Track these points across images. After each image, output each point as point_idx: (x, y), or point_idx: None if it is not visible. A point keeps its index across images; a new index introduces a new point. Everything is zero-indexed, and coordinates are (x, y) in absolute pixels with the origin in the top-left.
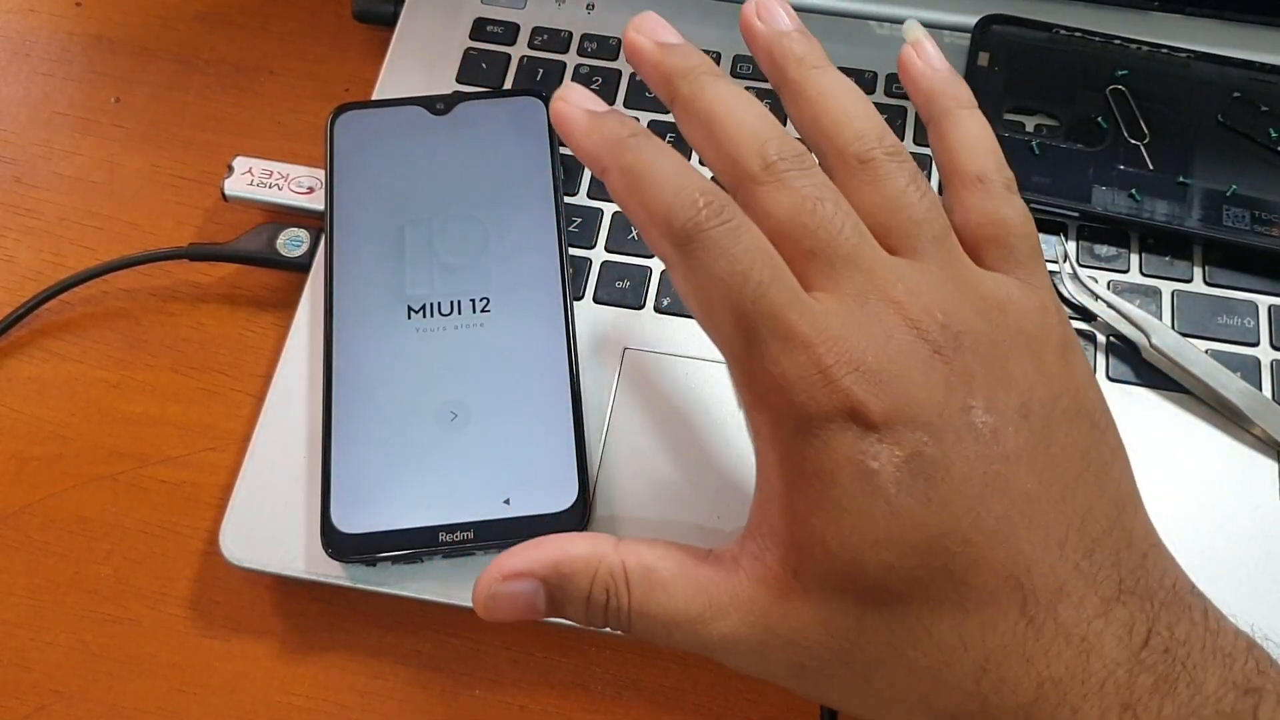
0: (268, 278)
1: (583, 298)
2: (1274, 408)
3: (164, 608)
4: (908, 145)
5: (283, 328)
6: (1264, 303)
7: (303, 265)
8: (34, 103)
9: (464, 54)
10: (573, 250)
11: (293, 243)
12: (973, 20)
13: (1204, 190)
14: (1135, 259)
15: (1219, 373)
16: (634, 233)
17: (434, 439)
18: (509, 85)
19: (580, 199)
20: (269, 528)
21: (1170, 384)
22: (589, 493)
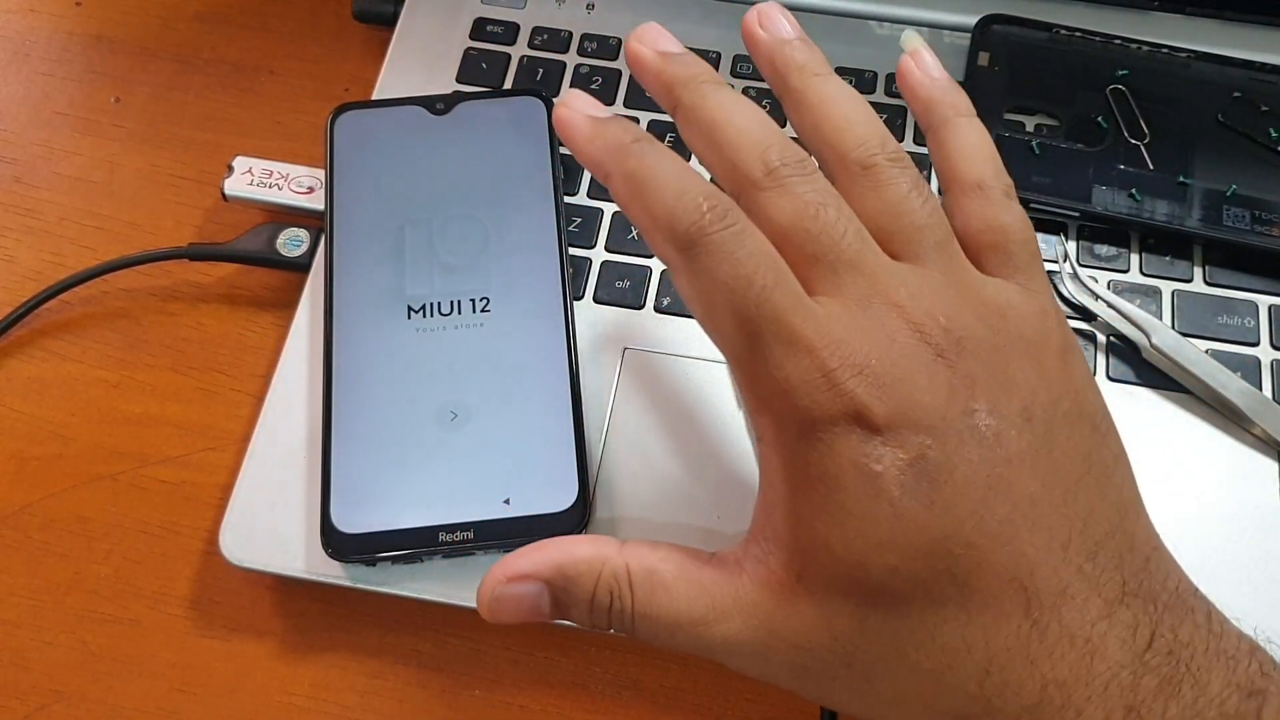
0: (268, 278)
1: (583, 298)
2: (1274, 408)
3: (164, 608)
4: (908, 146)
5: (283, 328)
6: (1264, 303)
7: (303, 265)
8: (34, 103)
9: (464, 54)
10: (573, 250)
11: (293, 243)
12: (973, 20)
13: (1204, 190)
14: (1135, 259)
15: (1219, 373)
16: (634, 233)
17: (434, 439)
18: (509, 85)
19: (580, 199)
20: (269, 528)
21: (1170, 384)
22: (589, 493)
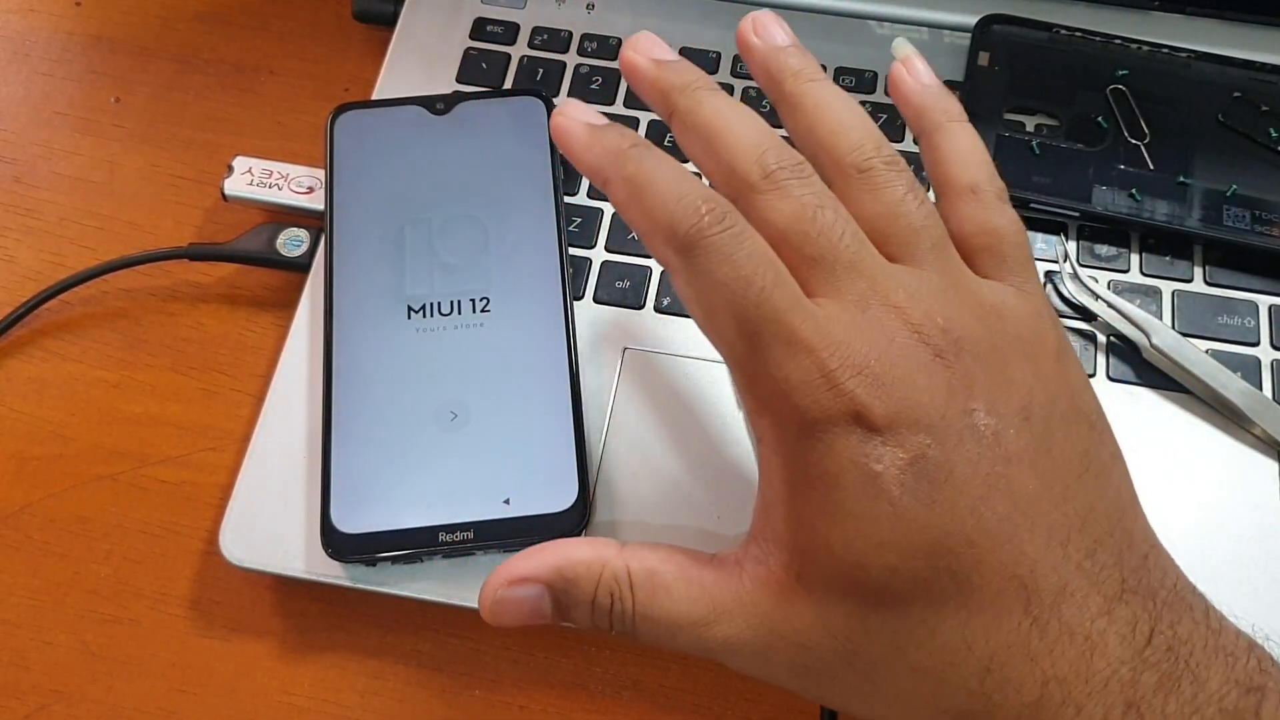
0: (268, 278)
1: (583, 298)
2: (1274, 408)
3: (164, 608)
4: (908, 144)
5: (283, 328)
6: (1264, 302)
7: (303, 265)
8: (34, 103)
9: (464, 54)
10: (573, 250)
11: (293, 243)
12: (973, 20)
13: (1204, 190)
14: (1135, 259)
15: (1219, 373)
16: (634, 233)
17: (434, 439)
18: (509, 85)
19: (580, 199)
20: (269, 528)
21: (1170, 384)
22: (589, 493)
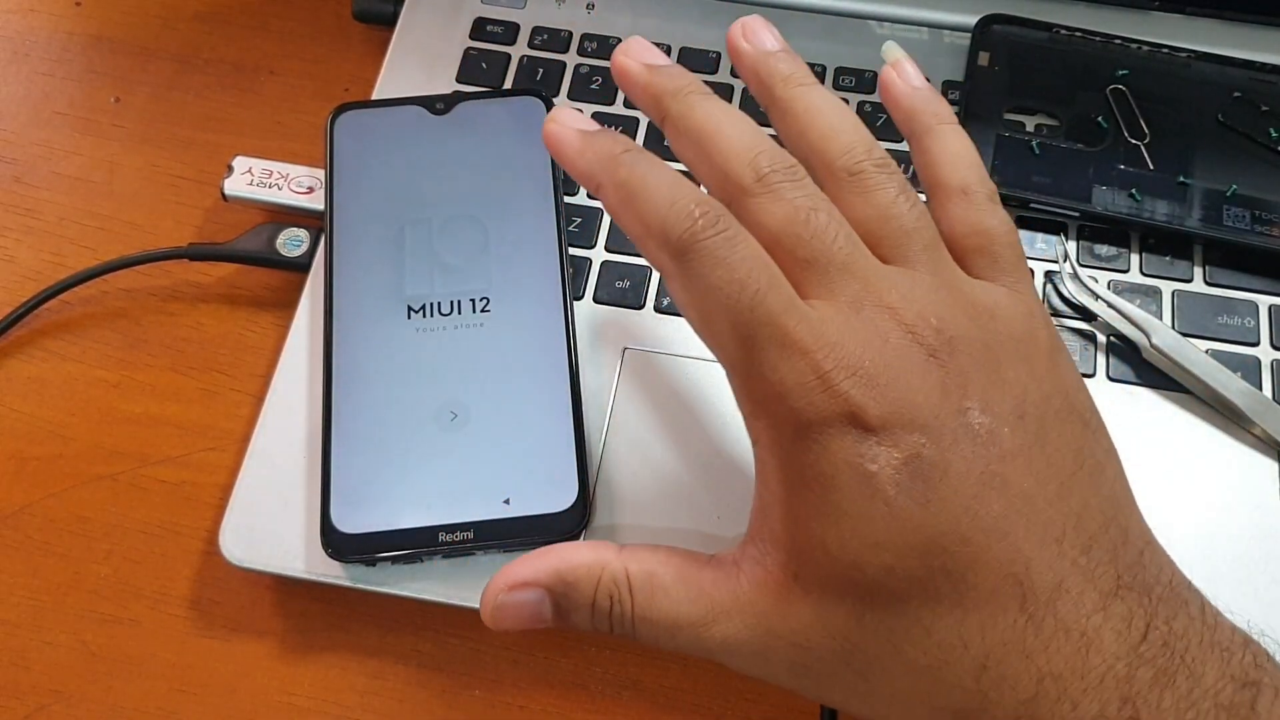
0: (268, 278)
1: (583, 298)
2: (1274, 408)
3: (164, 608)
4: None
5: (283, 328)
6: (1264, 303)
7: (303, 265)
8: (34, 103)
9: (464, 54)
10: (573, 250)
11: (293, 243)
12: (973, 20)
13: (1204, 190)
14: (1135, 259)
15: (1219, 372)
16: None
17: (434, 439)
18: (509, 85)
19: (580, 199)
20: (269, 528)
21: (1170, 384)
22: (589, 493)
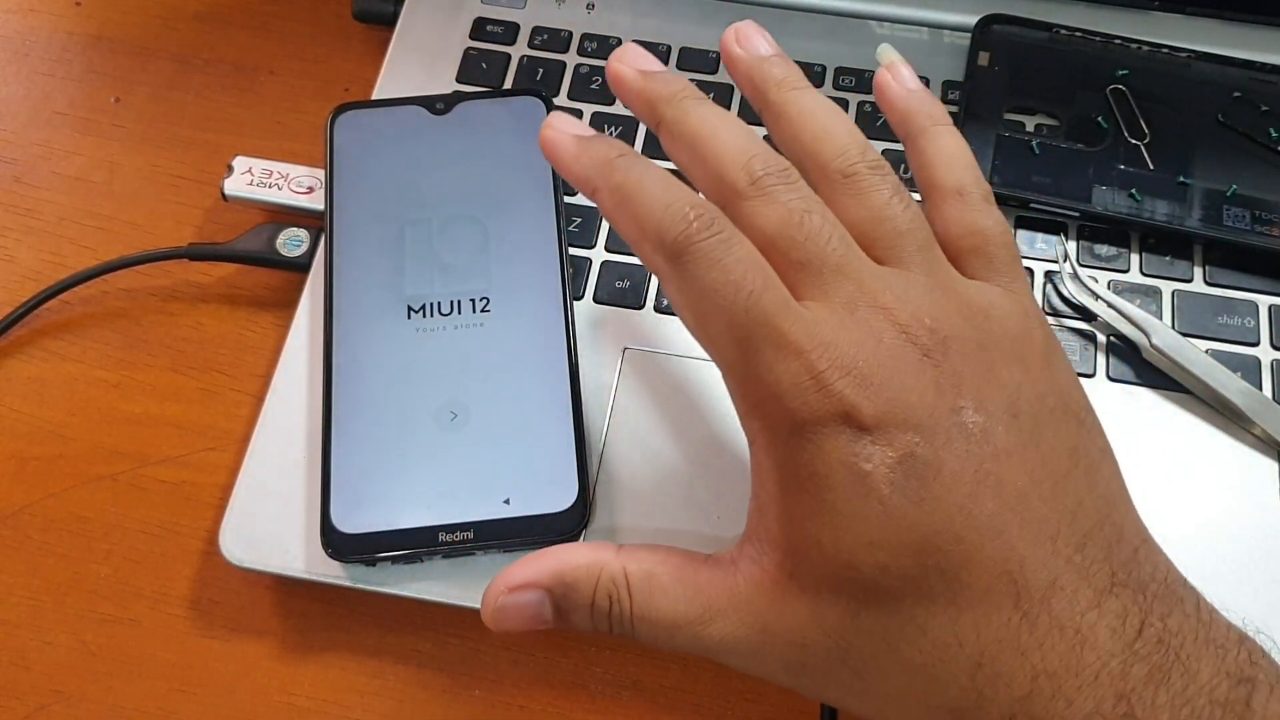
0: (268, 277)
1: (583, 298)
2: (1274, 408)
3: (164, 608)
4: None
5: (283, 328)
6: (1264, 303)
7: (303, 265)
8: (34, 103)
9: (464, 54)
10: (573, 250)
11: (293, 242)
12: (973, 20)
13: (1204, 190)
14: (1135, 259)
15: (1219, 372)
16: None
17: (434, 439)
18: (509, 85)
19: (580, 199)
20: (269, 528)
21: (1170, 384)
22: (589, 493)
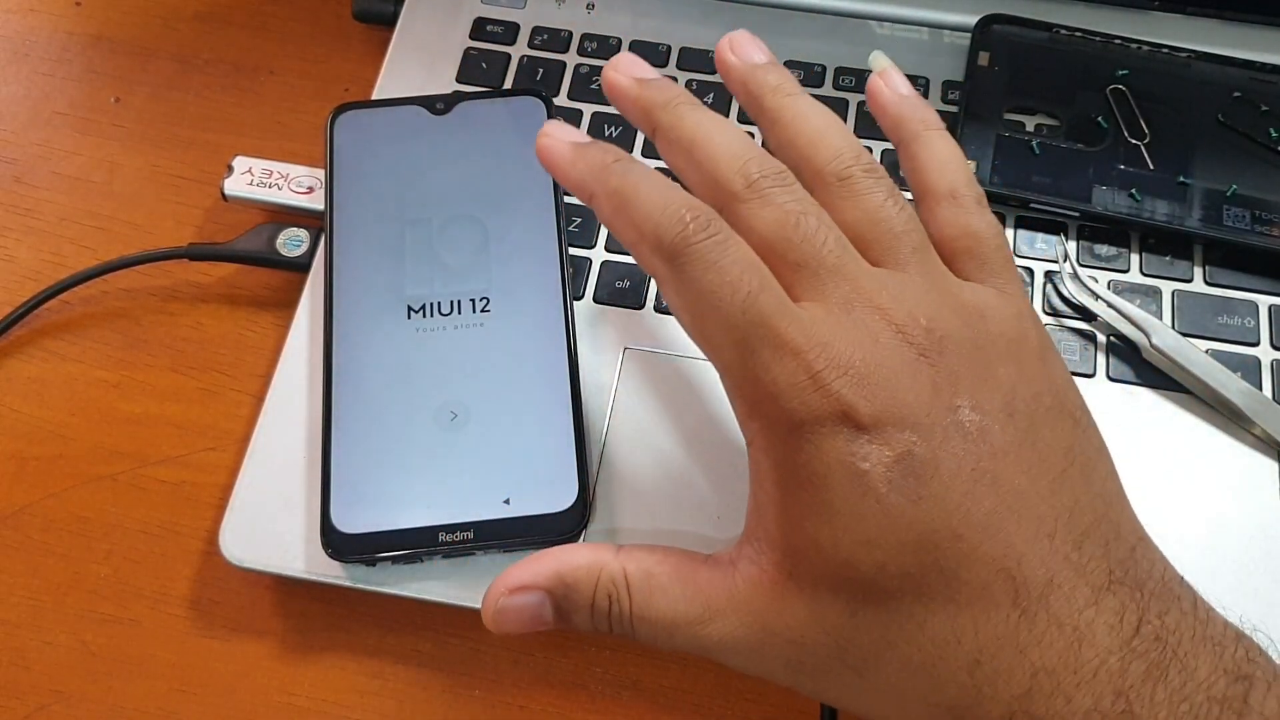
0: (268, 277)
1: (583, 298)
2: (1274, 408)
3: (164, 608)
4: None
5: (283, 328)
6: (1264, 303)
7: (303, 265)
8: (34, 103)
9: (464, 54)
10: (573, 250)
11: (293, 243)
12: (973, 20)
13: (1204, 190)
14: (1135, 259)
15: (1219, 372)
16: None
17: (434, 439)
18: (509, 85)
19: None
20: (269, 528)
21: (1170, 384)
22: (589, 493)
